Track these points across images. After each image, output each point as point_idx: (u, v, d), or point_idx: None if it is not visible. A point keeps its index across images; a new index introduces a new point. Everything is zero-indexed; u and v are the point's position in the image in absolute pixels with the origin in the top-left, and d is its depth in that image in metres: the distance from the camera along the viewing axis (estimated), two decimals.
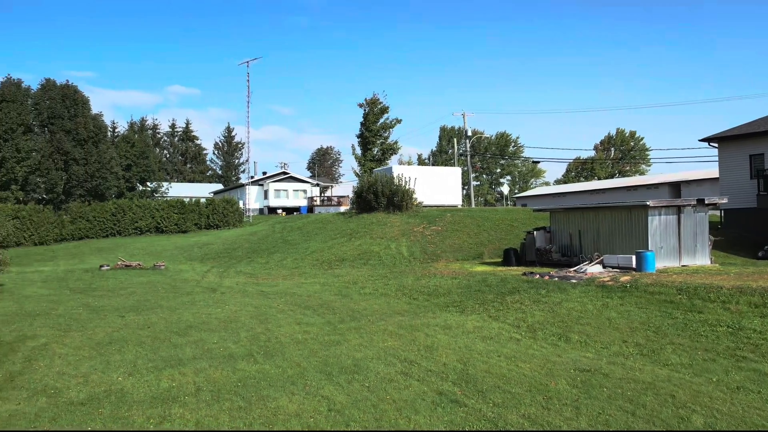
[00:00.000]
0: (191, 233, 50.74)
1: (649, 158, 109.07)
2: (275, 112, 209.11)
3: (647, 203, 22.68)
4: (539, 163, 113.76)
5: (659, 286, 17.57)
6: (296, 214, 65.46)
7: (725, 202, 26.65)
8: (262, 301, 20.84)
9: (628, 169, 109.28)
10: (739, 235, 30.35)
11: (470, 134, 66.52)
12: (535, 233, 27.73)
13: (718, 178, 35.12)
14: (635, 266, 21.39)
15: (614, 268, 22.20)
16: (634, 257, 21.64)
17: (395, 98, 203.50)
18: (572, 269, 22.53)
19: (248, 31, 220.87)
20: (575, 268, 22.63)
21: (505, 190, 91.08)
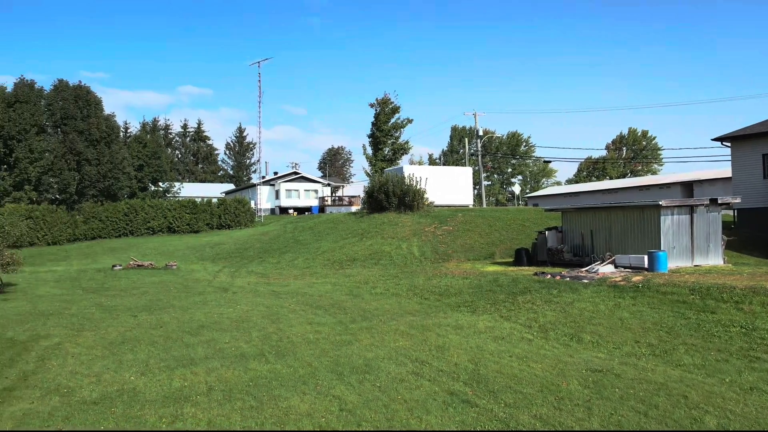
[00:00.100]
0: (203, 233, 50.91)
1: (661, 158, 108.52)
2: (286, 112, 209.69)
3: (660, 203, 22.57)
4: (551, 162, 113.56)
5: (672, 286, 17.49)
6: (307, 214, 65.56)
7: (738, 201, 26.45)
8: (273, 300, 20.88)
9: (640, 168, 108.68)
10: (752, 234, 30.13)
11: (481, 134, 66.41)
12: (546, 233, 27.64)
13: (730, 177, 34.89)
14: (647, 266, 21.29)
15: (626, 268, 22.11)
16: (646, 257, 21.54)
17: (406, 98, 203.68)
18: (584, 269, 22.46)
19: (259, 31, 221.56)
20: (587, 268, 22.55)
21: (516, 189, 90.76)
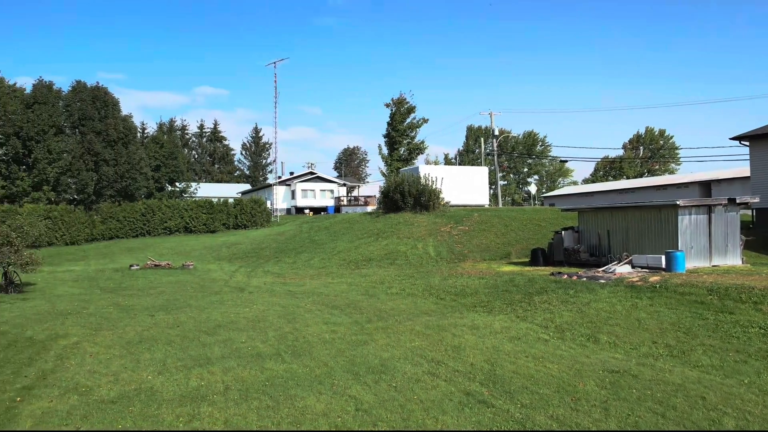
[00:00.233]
0: (219, 233, 51.13)
1: (678, 157, 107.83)
2: (302, 112, 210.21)
3: (677, 202, 22.42)
4: (567, 162, 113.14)
5: (689, 286, 17.37)
6: (323, 214, 65.64)
7: (757, 201, 26.22)
8: (289, 300, 20.94)
9: (657, 168, 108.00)
10: None
11: (497, 133, 66.21)
12: (563, 233, 27.53)
13: (749, 176, 34.57)
14: (665, 266, 21.16)
15: (643, 268, 21.99)
16: (663, 257, 21.41)
17: (422, 98, 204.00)
18: (601, 269, 22.35)
19: (275, 32, 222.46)
20: (604, 268, 22.44)
21: (532, 189, 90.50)
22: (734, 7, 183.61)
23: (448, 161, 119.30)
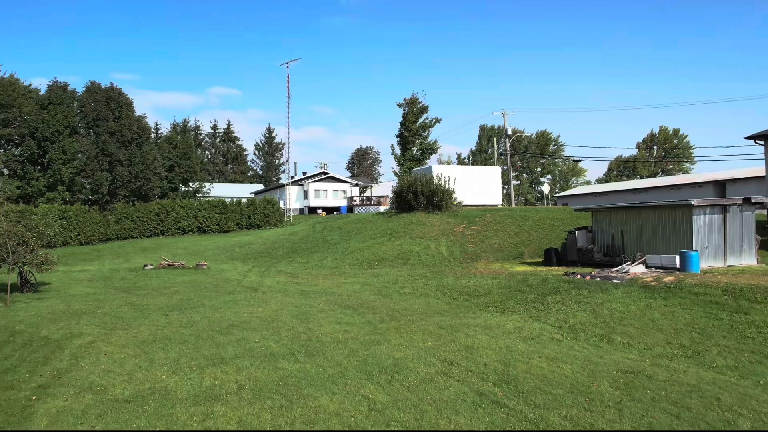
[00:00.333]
0: (233, 233, 51.28)
1: (693, 156, 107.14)
2: (315, 112, 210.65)
3: (692, 202, 22.29)
4: (580, 161, 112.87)
5: (704, 286, 17.27)
6: (336, 213, 65.73)
7: None
8: (302, 300, 20.98)
9: (671, 167, 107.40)
10: None
11: (510, 133, 66.04)
12: (576, 233, 27.43)
13: (764, 176, 34.35)
14: (679, 266, 21.05)
15: (657, 268, 21.88)
16: (678, 257, 21.29)
17: (435, 97, 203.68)
18: (614, 269, 22.26)
19: (288, 31, 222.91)
20: (617, 268, 22.35)
21: (545, 189, 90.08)
22: (747, 7, 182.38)
23: (461, 161, 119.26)
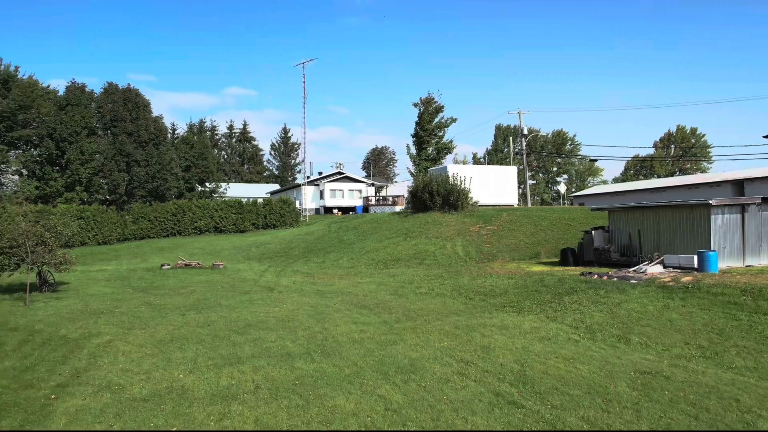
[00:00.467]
0: (249, 233, 51.46)
1: (710, 156, 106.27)
2: (331, 112, 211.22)
3: (709, 202, 22.11)
4: (597, 161, 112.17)
5: (722, 286, 17.14)
6: (352, 213, 65.75)
7: None
8: (318, 300, 21.02)
9: (689, 166, 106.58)
10: None
11: (526, 132, 65.77)
12: (593, 233, 27.30)
13: None
14: (697, 266, 20.90)
15: (675, 268, 21.73)
16: (695, 257, 21.13)
17: (450, 97, 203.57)
18: (632, 269, 22.13)
19: (303, 32, 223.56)
20: (635, 268, 22.21)
21: (561, 188, 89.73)
22: (762, 4, 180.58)
23: (476, 161, 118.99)
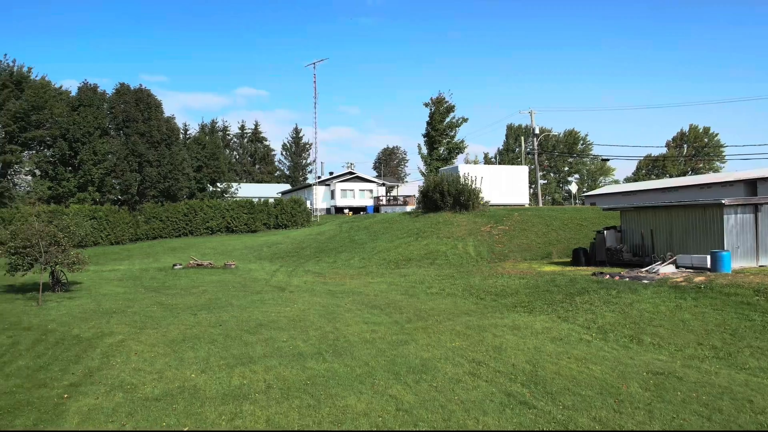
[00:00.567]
0: (260, 233, 51.59)
1: (723, 155, 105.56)
2: (342, 112, 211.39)
3: (722, 201, 21.99)
4: (609, 160, 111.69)
5: (735, 287, 17.04)
6: (362, 213, 65.75)
7: None
8: (330, 300, 21.04)
9: (701, 166, 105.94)
10: None
11: (537, 132, 65.57)
12: (605, 232, 27.19)
13: None
14: (710, 266, 20.78)
15: (688, 268, 21.62)
16: (708, 257, 21.02)
17: (461, 97, 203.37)
18: (644, 269, 22.04)
19: (314, 32, 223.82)
20: (647, 268, 22.12)
21: (573, 188, 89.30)
22: None
23: (488, 160, 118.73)
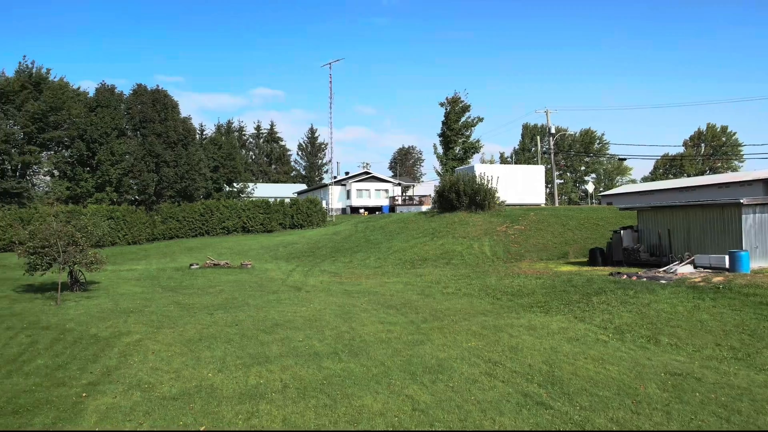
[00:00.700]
0: (276, 233, 51.73)
1: (741, 154, 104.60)
2: (358, 112, 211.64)
3: (741, 201, 21.80)
4: (625, 160, 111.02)
5: (754, 287, 16.90)
6: (378, 213, 65.77)
7: None
8: (345, 299, 21.07)
9: (719, 165, 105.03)
10: None
11: (553, 131, 65.31)
12: (622, 232, 27.05)
13: None
14: (728, 266, 20.62)
15: (706, 268, 21.46)
16: (727, 257, 20.86)
17: (477, 96, 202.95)
18: (661, 269, 21.90)
19: (330, 32, 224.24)
20: (665, 268, 21.98)
21: (589, 188, 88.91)
22: None
23: (503, 160, 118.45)
